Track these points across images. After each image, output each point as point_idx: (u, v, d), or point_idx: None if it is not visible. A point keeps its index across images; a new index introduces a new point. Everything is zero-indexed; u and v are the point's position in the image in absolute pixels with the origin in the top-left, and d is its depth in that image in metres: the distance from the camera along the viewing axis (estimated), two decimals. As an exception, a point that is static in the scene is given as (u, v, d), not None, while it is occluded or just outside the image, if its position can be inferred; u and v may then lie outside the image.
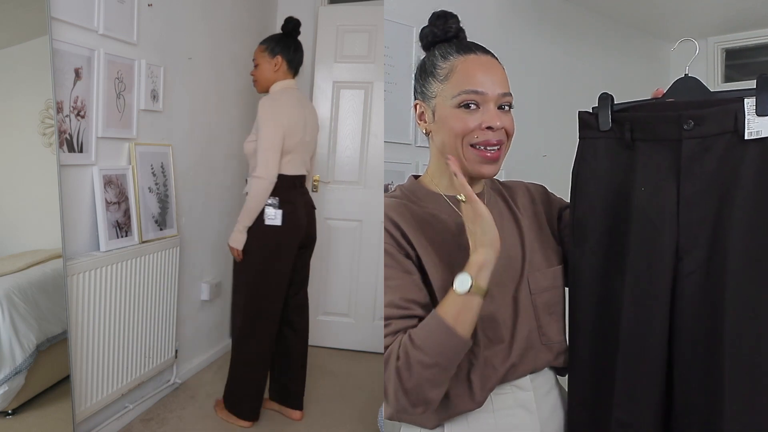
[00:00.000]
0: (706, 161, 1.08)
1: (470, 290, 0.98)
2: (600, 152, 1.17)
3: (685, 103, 1.11)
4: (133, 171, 2.36)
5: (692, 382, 1.07)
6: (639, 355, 1.10)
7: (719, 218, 1.06)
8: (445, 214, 1.16)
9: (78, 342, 2.05)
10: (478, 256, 1.00)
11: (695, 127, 1.08)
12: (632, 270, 1.10)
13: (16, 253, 2.01)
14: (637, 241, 1.11)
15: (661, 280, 1.09)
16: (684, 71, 1.22)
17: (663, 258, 1.09)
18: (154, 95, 2.49)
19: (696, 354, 1.07)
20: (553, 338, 1.16)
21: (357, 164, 3.44)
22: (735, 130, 1.06)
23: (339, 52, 3.43)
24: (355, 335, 3.43)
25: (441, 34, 1.18)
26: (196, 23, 2.83)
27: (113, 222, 2.24)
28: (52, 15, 1.90)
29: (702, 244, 1.07)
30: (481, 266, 1.00)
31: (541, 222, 1.24)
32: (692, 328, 1.07)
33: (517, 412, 1.12)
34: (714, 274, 1.06)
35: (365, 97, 3.42)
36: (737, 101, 1.06)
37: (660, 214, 1.09)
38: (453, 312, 0.98)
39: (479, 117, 1.09)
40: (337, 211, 3.44)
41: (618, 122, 1.16)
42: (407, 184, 1.22)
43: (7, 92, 2.00)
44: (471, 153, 1.10)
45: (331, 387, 2.96)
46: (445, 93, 1.12)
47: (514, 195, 1.26)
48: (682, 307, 1.08)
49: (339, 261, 3.45)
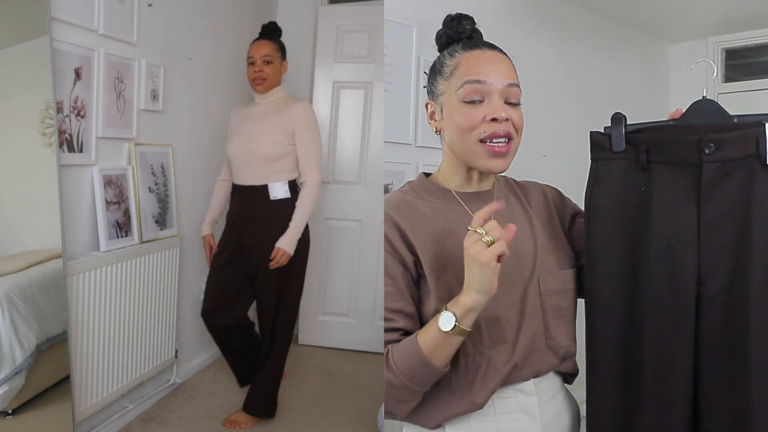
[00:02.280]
0: (726, 186, 1.07)
1: (452, 331, 0.98)
2: (614, 174, 1.14)
3: (705, 126, 1.09)
4: (133, 171, 2.36)
5: (719, 408, 1.07)
6: (665, 382, 1.08)
7: (740, 243, 1.05)
8: (452, 210, 1.15)
9: (78, 342, 2.05)
10: (467, 300, 0.97)
11: (716, 151, 1.06)
12: (653, 295, 1.09)
13: (16, 253, 2.01)
14: (658, 266, 1.09)
15: (684, 305, 1.07)
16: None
17: (685, 283, 1.07)
18: (154, 95, 2.49)
19: (721, 379, 1.06)
20: (559, 342, 1.14)
21: (357, 164, 3.43)
22: (756, 155, 1.05)
23: (339, 52, 3.43)
24: (355, 335, 3.43)
25: (454, 35, 1.18)
26: (196, 23, 2.83)
27: (113, 222, 2.24)
28: (52, 15, 1.90)
29: (723, 268, 1.06)
30: (469, 310, 0.98)
31: (554, 224, 1.23)
32: (717, 353, 1.07)
33: (519, 417, 1.11)
34: (737, 299, 1.05)
35: (365, 97, 3.41)
36: (758, 126, 1.05)
37: (681, 239, 1.08)
38: (431, 344, 1.00)
39: (484, 110, 1.08)
40: (337, 211, 3.44)
41: (632, 143, 1.13)
42: (417, 180, 1.22)
43: (7, 92, 2.01)
44: (479, 148, 1.09)
45: (331, 387, 2.96)
46: (450, 88, 1.12)
47: (528, 195, 1.25)
48: (706, 333, 1.07)
49: (339, 261, 3.45)
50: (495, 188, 1.21)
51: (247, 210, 2.46)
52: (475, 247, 0.96)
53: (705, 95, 1.16)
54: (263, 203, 2.42)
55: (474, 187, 1.18)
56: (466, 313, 0.98)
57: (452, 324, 0.98)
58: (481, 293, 0.97)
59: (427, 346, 1.00)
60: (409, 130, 2.39)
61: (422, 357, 1.00)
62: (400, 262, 1.09)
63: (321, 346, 3.45)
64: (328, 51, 3.43)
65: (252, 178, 2.42)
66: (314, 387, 2.93)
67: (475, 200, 1.16)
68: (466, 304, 0.98)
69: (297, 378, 3.02)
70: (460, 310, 0.98)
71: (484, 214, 0.99)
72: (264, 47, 2.45)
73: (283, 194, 2.41)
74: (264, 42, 2.47)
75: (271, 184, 2.41)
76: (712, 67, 1.27)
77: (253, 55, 2.44)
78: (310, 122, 2.43)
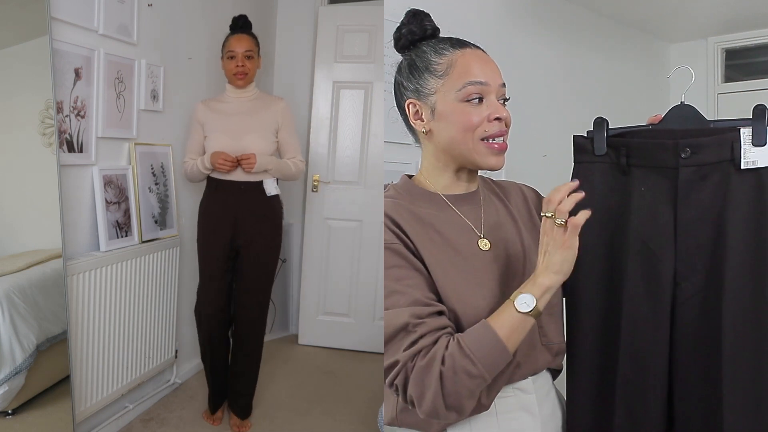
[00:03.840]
0: (702, 189, 1.10)
1: (530, 312, 0.98)
2: (595, 177, 1.18)
3: (682, 131, 1.13)
4: (133, 171, 2.36)
5: (692, 405, 1.09)
6: (639, 380, 1.11)
7: (715, 245, 1.08)
8: (442, 214, 1.15)
9: (78, 342, 2.05)
10: (545, 280, 0.99)
11: (692, 155, 1.10)
12: (630, 295, 1.12)
13: (16, 253, 2.01)
14: (635, 267, 1.12)
15: (660, 305, 1.10)
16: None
17: (661, 284, 1.10)
18: (154, 95, 2.49)
19: (695, 379, 1.09)
20: (552, 339, 1.16)
21: (357, 164, 3.43)
22: (731, 160, 1.08)
23: (339, 52, 3.43)
24: (355, 335, 3.43)
25: (420, 32, 1.17)
26: (196, 23, 2.83)
27: (113, 222, 2.24)
28: (52, 15, 1.90)
29: (699, 270, 1.09)
30: (546, 290, 0.99)
31: (535, 223, 1.23)
32: (691, 352, 1.09)
33: (520, 416, 1.11)
34: (712, 300, 1.08)
35: (365, 97, 3.41)
36: (733, 131, 1.08)
37: (657, 241, 1.11)
38: (507, 328, 0.98)
39: (485, 109, 1.10)
40: (337, 211, 3.44)
41: (613, 147, 1.17)
42: (401, 184, 1.21)
43: (7, 92, 2.00)
44: (481, 146, 1.10)
45: (331, 387, 2.96)
46: (446, 88, 1.12)
47: (508, 195, 1.26)
48: (681, 333, 1.10)
49: (339, 261, 3.45)
50: (479, 189, 1.21)
51: (246, 206, 2.40)
52: (553, 233, 1.00)
53: (683, 100, 1.19)
54: (261, 199, 2.41)
55: (462, 188, 1.18)
56: (544, 293, 0.99)
57: (532, 305, 0.98)
58: (560, 274, 1.00)
59: (504, 329, 0.98)
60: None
61: (500, 342, 0.97)
62: (414, 254, 1.08)
63: (321, 346, 3.45)
64: (328, 51, 3.43)
65: (245, 174, 2.37)
66: (314, 387, 2.93)
67: (463, 202, 1.17)
68: (544, 284, 0.99)
69: (297, 378, 3.02)
70: (539, 290, 0.99)
71: (556, 197, 1.01)
72: (245, 42, 2.40)
73: (275, 191, 2.42)
74: (244, 36, 2.42)
75: (265, 181, 2.40)
76: (691, 72, 1.28)
77: (235, 50, 2.39)
78: (292, 121, 2.51)
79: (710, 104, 3.77)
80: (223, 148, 2.34)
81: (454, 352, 0.97)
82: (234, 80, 2.42)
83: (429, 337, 0.99)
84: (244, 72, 2.39)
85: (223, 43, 2.45)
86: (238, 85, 2.43)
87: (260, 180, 2.39)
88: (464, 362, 0.96)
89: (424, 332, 0.99)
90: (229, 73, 2.42)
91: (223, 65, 2.45)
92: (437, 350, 0.98)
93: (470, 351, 0.96)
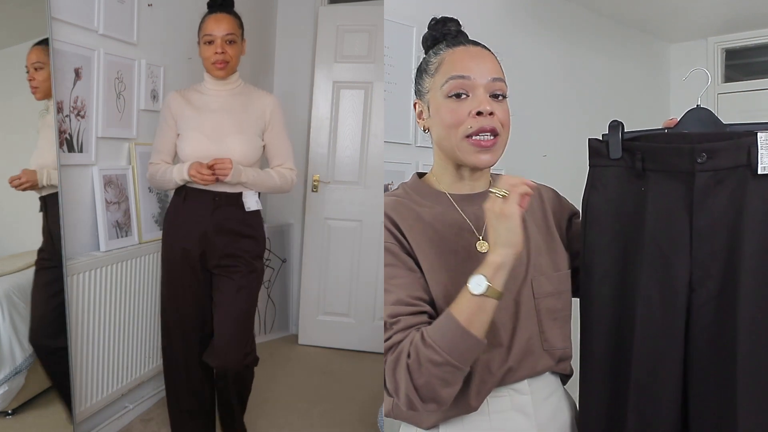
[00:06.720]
0: (718, 194, 1.08)
1: (485, 292, 0.96)
2: (610, 181, 1.16)
3: (698, 135, 1.11)
4: (133, 171, 2.36)
5: (707, 412, 1.08)
6: (652, 386, 1.09)
7: (731, 251, 1.07)
8: (445, 214, 1.14)
9: (78, 342, 2.05)
10: (495, 257, 0.97)
11: (708, 160, 1.07)
12: (644, 301, 1.10)
13: (16, 253, 2.01)
14: (650, 272, 1.10)
15: (674, 311, 1.09)
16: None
17: (676, 290, 1.09)
18: (154, 95, 2.49)
19: (709, 386, 1.07)
20: (555, 344, 1.14)
21: (357, 164, 3.44)
22: (748, 164, 1.06)
23: (339, 52, 3.43)
24: (355, 335, 3.43)
25: (439, 36, 1.18)
26: (196, 23, 2.82)
27: (113, 222, 2.24)
28: (52, 15, 1.90)
29: (714, 276, 1.08)
30: (498, 267, 0.97)
31: (549, 225, 1.22)
32: (705, 360, 1.08)
33: (513, 416, 1.10)
34: (726, 307, 1.06)
35: (365, 97, 3.42)
36: (750, 135, 1.06)
37: (673, 246, 1.09)
38: (467, 312, 0.96)
39: (469, 105, 1.08)
40: (337, 211, 3.44)
41: (629, 151, 1.15)
42: (410, 182, 1.21)
43: (7, 92, 2.00)
44: (465, 144, 1.09)
45: (331, 387, 2.96)
46: (435, 85, 1.13)
47: None
48: (695, 339, 1.09)
49: (339, 261, 3.45)
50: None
51: (223, 222, 2.03)
52: (495, 204, 0.99)
53: (699, 103, 1.17)
54: (239, 215, 2.04)
55: (467, 187, 1.17)
56: (495, 270, 0.97)
57: (484, 285, 0.96)
58: (508, 247, 0.97)
59: (463, 315, 0.96)
60: (409, 130, 2.39)
61: (460, 327, 0.95)
62: (409, 255, 1.08)
63: (321, 346, 3.45)
64: (328, 51, 3.44)
65: (223, 184, 1.99)
66: (314, 387, 2.93)
67: (469, 202, 1.16)
68: (495, 261, 0.97)
69: (297, 378, 3.02)
70: (489, 269, 0.97)
71: (509, 180, 1.00)
72: (225, 23, 2.01)
73: (255, 206, 2.06)
74: (224, 17, 2.02)
75: (245, 193, 2.04)
76: (707, 74, 1.27)
77: (213, 33, 1.99)
78: (282, 119, 2.14)
79: (710, 104, 3.76)
80: (200, 151, 1.99)
81: (417, 344, 0.98)
82: (212, 69, 2.03)
83: (401, 333, 1.01)
84: (225, 60, 2.00)
85: (200, 24, 2.05)
86: (218, 76, 2.04)
87: (239, 192, 2.03)
88: (427, 351, 0.96)
89: (399, 329, 1.01)
90: (207, 61, 2.02)
91: (200, 52, 2.05)
92: (404, 345, 0.99)
93: (432, 340, 0.96)
